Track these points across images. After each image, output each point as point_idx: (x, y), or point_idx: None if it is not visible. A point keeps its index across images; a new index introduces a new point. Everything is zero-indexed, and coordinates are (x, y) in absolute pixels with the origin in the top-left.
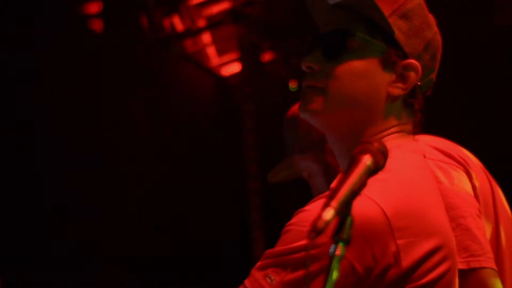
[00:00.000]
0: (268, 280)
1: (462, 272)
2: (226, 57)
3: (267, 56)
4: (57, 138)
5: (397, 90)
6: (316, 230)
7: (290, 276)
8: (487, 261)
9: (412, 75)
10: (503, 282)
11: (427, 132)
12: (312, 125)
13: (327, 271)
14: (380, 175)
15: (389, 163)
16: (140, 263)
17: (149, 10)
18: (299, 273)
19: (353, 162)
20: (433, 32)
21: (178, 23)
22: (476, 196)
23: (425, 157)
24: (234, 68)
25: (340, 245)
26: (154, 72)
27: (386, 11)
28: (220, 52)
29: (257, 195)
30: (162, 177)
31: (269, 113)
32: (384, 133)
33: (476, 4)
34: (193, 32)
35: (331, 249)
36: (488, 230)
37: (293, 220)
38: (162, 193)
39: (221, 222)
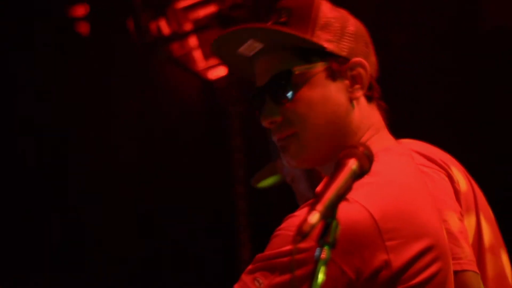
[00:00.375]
0: (257, 284)
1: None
2: (213, 61)
3: None
4: (45, 138)
5: (357, 92)
6: (301, 234)
7: (278, 279)
8: (469, 263)
9: (361, 71)
10: (484, 283)
11: (412, 134)
12: None
13: (313, 274)
14: (367, 178)
15: (376, 166)
16: (127, 263)
17: (136, 13)
18: (287, 276)
19: (338, 166)
20: (352, 23)
21: (164, 27)
22: (458, 199)
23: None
24: (220, 71)
25: (326, 248)
26: (140, 76)
27: (306, 34)
28: (207, 56)
29: (243, 199)
30: (148, 180)
31: (255, 116)
32: (364, 138)
33: (461, 4)
34: (180, 36)
35: (317, 253)
36: (470, 233)
37: (282, 225)
38: (147, 195)
39: (207, 225)
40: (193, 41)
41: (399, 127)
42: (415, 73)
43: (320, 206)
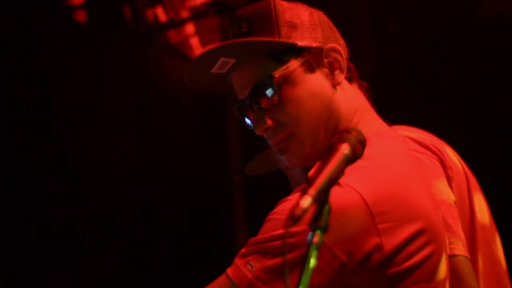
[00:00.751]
0: (249, 267)
1: None
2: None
3: None
4: (41, 127)
5: (338, 77)
6: (293, 218)
7: (270, 262)
8: (460, 249)
9: (336, 56)
10: (475, 271)
11: (411, 122)
12: None
13: (305, 258)
14: (359, 163)
15: (369, 151)
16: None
17: (133, 1)
18: (279, 260)
19: (330, 151)
20: (311, 12)
21: (161, 14)
22: (450, 186)
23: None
24: None
25: (318, 232)
26: (137, 63)
27: (273, 36)
28: (204, 43)
29: (240, 187)
30: (145, 171)
31: (245, 127)
32: (354, 121)
33: None
34: (177, 23)
35: (309, 237)
36: (462, 218)
37: (275, 209)
38: (144, 187)
39: (205, 213)
40: (190, 28)
41: (395, 115)
42: (412, 62)
43: (312, 191)
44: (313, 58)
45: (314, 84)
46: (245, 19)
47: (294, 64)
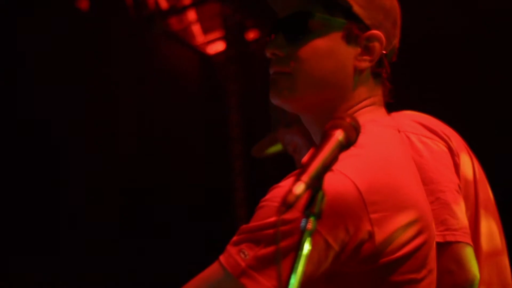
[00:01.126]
0: (242, 255)
1: (438, 245)
2: (211, 35)
3: (251, 34)
4: (40, 115)
5: (364, 63)
6: (286, 204)
7: (263, 251)
8: (463, 236)
9: (377, 45)
10: (477, 256)
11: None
12: None
13: (298, 245)
14: (353, 150)
15: (363, 138)
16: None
17: None
18: (272, 248)
19: (324, 137)
20: (392, 0)
21: (162, 1)
22: (457, 172)
23: (399, 131)
24: (219, 46)
25: (311, 219)
26: (138, 50)
27: None
28: (205, 30)
29: (241, 174)
30: (144, 157)
31: (254, 91)
32: (356, 107)
33: None
34: (178, 10)
35: (302, 223)
36: (467, 205)
37: (267, 196)
38: (142, 174)
39: (204, 201)
40: (191, 15)
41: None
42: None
43: (305, 177)
44: (356, 31)
45: (340, 51)
46: None
47: (337, 23)
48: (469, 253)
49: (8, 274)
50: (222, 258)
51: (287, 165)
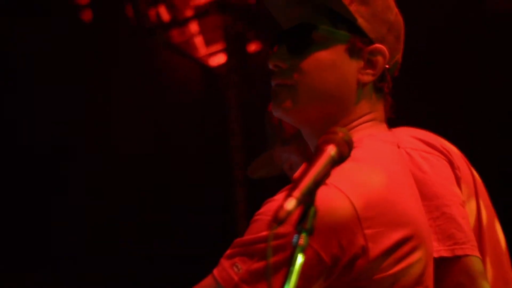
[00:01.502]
0: (235, 269)
1: (447, 260)
2: (213, 47)
3: (253, 46)
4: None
5: (367, 76)
6: (277, 220)
7: (257, 265)
8: (471, 249)
9: (380, 59)
10: (484, 267)
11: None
12: None
13: (290, 261)
14: (348, 164)
15: (359, 152)
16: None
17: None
18: (265, 262)
19: (317, 152)
20: (394, 13)
21: (164, 13)
22: (459, 185)
23: (399, 146)
24: (220, 58)
25: (303, 235)
26: (141, 62)
27: (348, 2)
28: (207, 42)
29: (242, 184)
30: (146, 165)
31: (254, 102)
32: (357, 122)
33: None
34: (179, 22)
35: (294, 239)
36: (471, 218)
37: (261, 210)
38: (145, 181)
39: (206, 211)
40: (193, 27)
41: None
42: (417, 58)
43: (296, 192)
44: (360, 45)
45: (343, 64)
46: None
47: (341, 35)
48: (478, 265)
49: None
50: (215, 271)
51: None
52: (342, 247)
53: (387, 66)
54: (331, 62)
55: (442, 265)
